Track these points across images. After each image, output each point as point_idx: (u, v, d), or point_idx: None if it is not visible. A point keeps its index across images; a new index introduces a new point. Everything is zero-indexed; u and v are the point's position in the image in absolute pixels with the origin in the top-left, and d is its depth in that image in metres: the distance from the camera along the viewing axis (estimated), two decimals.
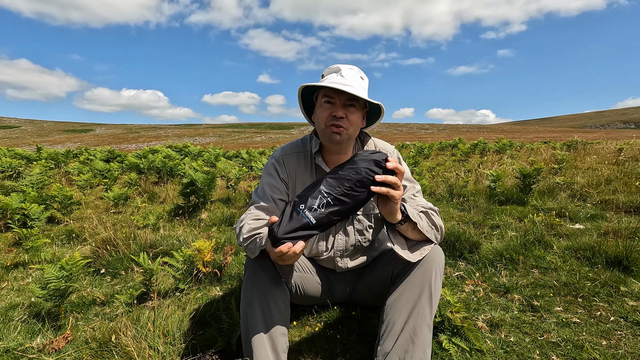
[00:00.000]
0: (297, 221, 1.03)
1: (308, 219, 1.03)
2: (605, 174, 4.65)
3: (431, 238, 1.23)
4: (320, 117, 1.31)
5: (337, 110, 1.26)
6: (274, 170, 1.41)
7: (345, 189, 1.05)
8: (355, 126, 1.32)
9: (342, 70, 1.29)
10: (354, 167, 1.07)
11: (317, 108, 1.35)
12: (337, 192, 1.05)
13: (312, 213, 1.03)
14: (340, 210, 1.06)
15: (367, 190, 1.07)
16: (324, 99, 1.29)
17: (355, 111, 1.29)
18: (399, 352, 1.12)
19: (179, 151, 10.45)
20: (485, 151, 9.76)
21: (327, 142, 1.35)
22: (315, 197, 1.05)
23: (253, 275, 1.25)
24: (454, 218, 3.33)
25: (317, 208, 1.04)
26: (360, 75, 1.31)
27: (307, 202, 1.04)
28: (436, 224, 1.26)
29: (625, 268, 2.00)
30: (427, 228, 1.23)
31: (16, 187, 4.63)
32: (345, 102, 1.27)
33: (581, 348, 1.40)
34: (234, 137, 62.26)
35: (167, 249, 2.70)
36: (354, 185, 1.06)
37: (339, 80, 1.25)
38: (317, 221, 1.03)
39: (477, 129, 72.57)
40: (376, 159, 1.08)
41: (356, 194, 1.06)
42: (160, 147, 10.85)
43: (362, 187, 1.06)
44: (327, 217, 1.04)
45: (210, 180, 4.00)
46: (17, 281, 2.37)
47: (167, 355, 1.38)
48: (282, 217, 1.05)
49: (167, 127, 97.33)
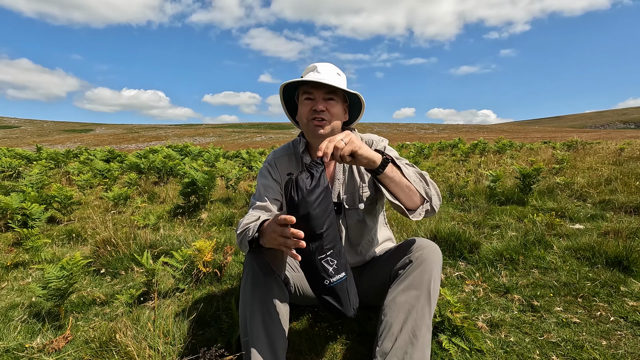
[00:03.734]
0: (341, 289, 1.09)
1: (341, 279, 1.09)
2: (605, 174, 4.65)
3: (420, 190, 1.22)
4: (302, 113, 1.36)
5: (317, 104, 1.31)
6: (267, 172, 1.47)
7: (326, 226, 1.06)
8: (337, 118, 1.36)
9: (318, 67, 1.34)
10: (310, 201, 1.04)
11: (299, 105, 1.39)
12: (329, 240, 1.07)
13: (336, 274, 1.07)
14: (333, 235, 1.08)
15: (329, 203, 1.07)
16: (304, 96, 1.34)
17: (335, 104, 1.33)
18: (398, 353, 1.11)
19: (179, 151, 10.46)
20: (485, 151, 9.76)
21: (311, 137, 1.40)
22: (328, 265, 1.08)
23: (252, 274, 1.25)
24: (454, 218, 3.33)
25: (334, 267, 1.08)
26: (336, 72, 1.36)
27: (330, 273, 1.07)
28: (425, 178, 1.27)
29: (625, 268, 2.00)
30: (415, 177, 1.24)
31: (16, 187, 4.63)
32: (325, 95, 1.32)
33: (581, 348, 1.40)
34: (234, 137, 62.27)
35: (167, 249, 2.70)
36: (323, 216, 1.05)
37: (316, 76, 1.30)
38: (343, 270, 1.09)
39: (477, 129, 72.58)
40: (306, 169, 1.06)
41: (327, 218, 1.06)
42: (160, 147, 10.85)
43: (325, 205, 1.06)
44: (336, 256, 1.08)
45: (210, 180, 4.00)
46: (17, 281, 2.37)
47: (167, 355, 1.38)
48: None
49: (167, 127, 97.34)
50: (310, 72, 1.34)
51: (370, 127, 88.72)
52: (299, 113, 1.39)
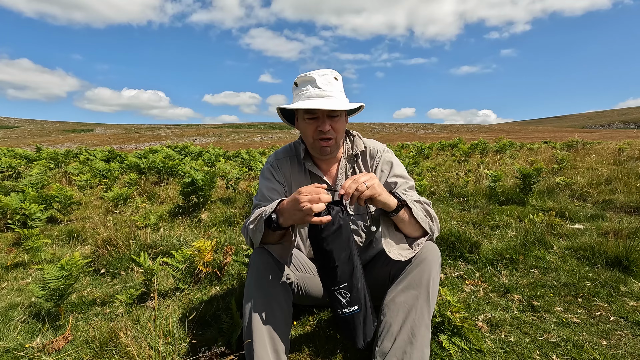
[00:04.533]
0: (356, 320, 1.15)
1: (354, 312, 1.14)
2: (605, 174, 4.65)
3: (426, 227, 1.24)
4: (306, 133, 1.33)
5: (322, 125, 1.27)
6: (269, 174, 1.46)
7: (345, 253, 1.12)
8: (341, 132, 1.35)
9: (317, 80, 1.26)
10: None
11: (300, 122, 1.36)
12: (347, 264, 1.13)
13: (349, 307, 1.13)
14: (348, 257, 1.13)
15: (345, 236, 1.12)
16: (306, 115, 1.30)
17: (339, 119, 1.31)
18: (398, 352, 1.11)
19: (179, 151, 10.46)
20: (485, 151, 9.76)
21: (317, 154, 1.40)
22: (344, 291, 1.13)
23: (256, 275, 1.25)
24: (454, 218, 3.33)
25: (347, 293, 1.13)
26: (334, 76, 1.30)
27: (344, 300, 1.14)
28: (430, 213, 1.27)
29: (625, 268, 2.00)
30: (422, 216, 1.24)
31: (16, 187, 4.63)
32: (329, 114, 1.28)
33: (581, 348, 1.40)
34: (234, 137, 62.27)
35: (167, 249, 2.70)
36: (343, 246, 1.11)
37: (316, 93, 1.25)
38: (356, 303, 1.15)
39: (477, 129, 72.57)
40: (326, 208, 1.10)
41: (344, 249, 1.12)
42: (160, 147, 10.85)
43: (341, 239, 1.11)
44: (350, 289, 1.14)
45: (210, 180, 4.00)
46: (17, 281, 2.37)
47: (167, 355, 1.38)
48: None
49: (167, 127, 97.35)
50: (308, 85, 1.28)
51: (370, 127, 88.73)
52: (301, 129, 1.37)
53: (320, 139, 1.30)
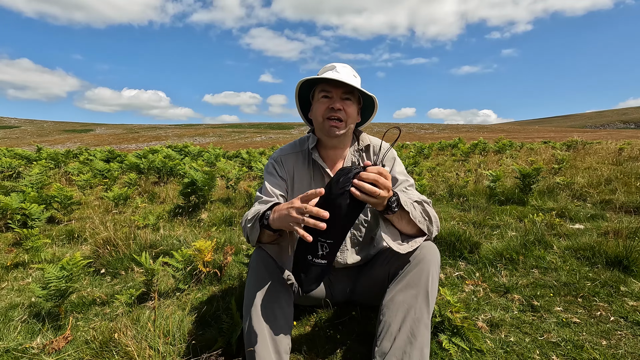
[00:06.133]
0: (313, 271, 1.12)
1: (320, 265, 1.11)
2: (605, 174, 4.65)
3: (423, 229, 1.23)
4: (317, 111, 1.37)
5: (334, 103, 1.32)
6: (273, 169, 1.48)
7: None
8: (352, 119, 1.38)
9: (337, 67, 1.37)
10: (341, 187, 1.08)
11: (315, 103, 1.40)
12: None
13: (320, 259, 1.10)
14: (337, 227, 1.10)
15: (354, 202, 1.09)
16: (321, 94, 1.35)
17: (351, 104, 1.36)
18: (397, 353, 1.11)
19: (179, 151, 10.46)
20: (485, 151, 9.76)
21: (325, 136, 1.40)
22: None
23: (257, 275, 1.25)
24: (454, 218, 3.33)
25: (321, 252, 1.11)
26: (353, 74, 1.38)
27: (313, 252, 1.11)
28: (430, 214, 1.26)
29: (625, 268, 2.00)
30: (420, 218, 1.23)
31: (16, 187, 4.63)
32: (342, 95, 1.34)
33: (581, 348, 1.40)
34: (234, 137, 62.26)
35: (167, 249, 2.70)
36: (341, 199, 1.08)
37: (335, 75, 1.31)
38: (327, 260, 1.11)
39: (478, 129, 72.55)
40: (356, 172, 1.09)
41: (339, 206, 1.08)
42: (160, 147, 10.85)
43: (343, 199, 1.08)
44: (331, 247, 1.11)
45: (210, 180, 4.00)
46: (17, 281, 2.37)
47: (167, 355, 1.38)
48: (300, 274, 1.14)
49: (167, 127, 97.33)
50: (328, 71, 1.36)
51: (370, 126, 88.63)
52: (313, 111, 1.40)
53: (330, 119, 1.34)
